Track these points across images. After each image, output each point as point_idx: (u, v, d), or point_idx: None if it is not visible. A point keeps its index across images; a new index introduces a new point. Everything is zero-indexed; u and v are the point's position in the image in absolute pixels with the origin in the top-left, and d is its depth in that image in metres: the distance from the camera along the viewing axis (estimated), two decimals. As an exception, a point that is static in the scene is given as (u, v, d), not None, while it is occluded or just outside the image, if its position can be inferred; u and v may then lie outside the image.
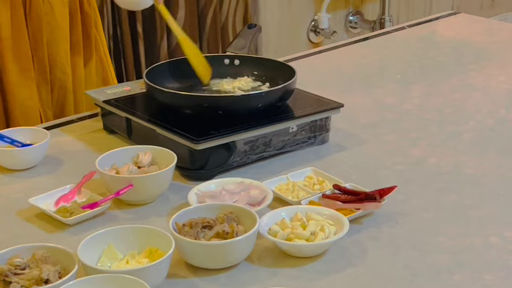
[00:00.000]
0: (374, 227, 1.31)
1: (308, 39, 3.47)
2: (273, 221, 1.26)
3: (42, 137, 1.53)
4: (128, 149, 1.45)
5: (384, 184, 1.42)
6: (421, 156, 1.56)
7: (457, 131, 1.67)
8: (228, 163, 1.47)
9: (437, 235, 1.29)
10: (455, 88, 1.92)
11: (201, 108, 1.49)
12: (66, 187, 1.39)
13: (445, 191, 1.43)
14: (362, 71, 2.04)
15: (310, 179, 1.44)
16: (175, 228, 1.22)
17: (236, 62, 1.71)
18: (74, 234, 1.29)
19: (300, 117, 1.55)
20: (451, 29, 2.38)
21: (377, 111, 1.79)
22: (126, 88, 1.67)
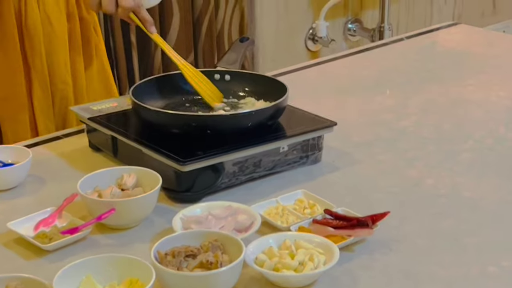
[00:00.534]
0: (366, 254, 1.26)
1: (306, 48, 3.41)
2: (260, 249, 1.21)
3: (24, 156, 1.47)
4: (111, 171, 1.40)
5: (378, 208, 1.37)
6: (417, 177, 1.51)
7: (455, 150, 1.62)
8: (216, 185, 1.42)
9: (431, 263, 1.24)
10: (453, 104, 1.86)
11: (189, 127, 1.44)
12: (46, 210, 1.34)
13: (441, 215, 1.38)
14: (358, 85, 1.99)
15: (300, 202, 1.39)
16: (157, 257, 1.16)
17: (227, 77, 1.65)
18: (53, 261, 1.24)
19: (291, 136, 1.49)
20: (450, 40, 2.33)
21: (372, 128, 1.73)
22: (113, 104, 1.62)
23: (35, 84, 1.77)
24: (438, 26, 2.43)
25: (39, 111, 1.80)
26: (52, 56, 1.78)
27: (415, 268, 1.22)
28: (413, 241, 1.30)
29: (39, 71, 1.77)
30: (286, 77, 2.03)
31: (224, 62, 1.70)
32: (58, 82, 1.80)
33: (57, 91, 1.81)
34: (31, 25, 1.74)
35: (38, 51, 1.75)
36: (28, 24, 1.73)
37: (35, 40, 1.75)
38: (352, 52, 2.23)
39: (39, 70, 1.77)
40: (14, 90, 1.75)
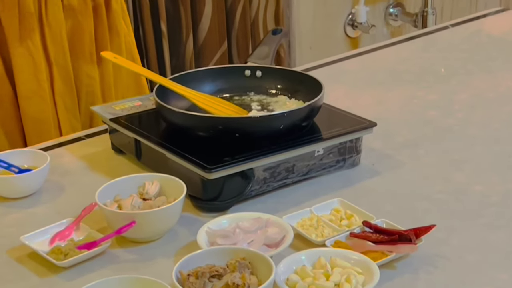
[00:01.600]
0: (409, 273, 1.15)
1: (345, 34, 3.28)
2: (292, 268, 1.10)
3: (42, 161, 1.38)
4: (132, 178, 1.30)
5: (422, 218, 1.27)
6: (465, 182, 1.39)
7: (507, 151, 1.49)
8: (245, 193, 1.31)
9: (484, 283, 1.12)
10: (503, 99, 1.73)
11: (215, 130, 1.33)
12: (63, 222, 1.25)
13: (492, 226, 1.26)
14: (400, 79, 1.87)
15: (337, 212, 1.28)
16: (179, 278, 1.07)
17: (258, 73, 1.54)
18: (69, 279, 1.15)
19: (327, 138, 1.38)
20: (499, 28, 2.19)
21: (416, 127, 1.61)
22: (137, 104, 1.52)
23: (57, 80, 1.69)
24: (486, 13, 2.29)
25: (63, 108, 1.72)
26: (77, 49, 1.70)
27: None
28: (461, 257, 1.18)
29: (61, 66, 1.69)
30: (323, 70, 1.91)
31: (255, 56, 1.59)
32: (84, 77, 1.72)
33: (82, 87, 1.73)
34: (52, 18, 1.65)
35: (60, 45, 1.68)
36: (49, 17, 1.65)
37: (57, 33, 1.66)
38: (394, 42, 2.11)
39: (61, 65, 1.69)
40: (36, 88, 1.67)
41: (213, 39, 2.72)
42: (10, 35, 1.63)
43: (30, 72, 1.66)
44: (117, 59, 1.53)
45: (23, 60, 1.65)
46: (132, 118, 1.47)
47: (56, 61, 1.69)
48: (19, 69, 1.66)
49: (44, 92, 1.68)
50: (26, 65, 1.66)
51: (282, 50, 2.93)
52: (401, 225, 1.21)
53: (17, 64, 1.66)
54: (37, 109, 1.69)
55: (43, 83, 1.68)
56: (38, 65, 1.66)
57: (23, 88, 1.67)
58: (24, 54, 1.65)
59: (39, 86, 1.68)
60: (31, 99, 1.68)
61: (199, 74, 1.55)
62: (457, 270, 1.15)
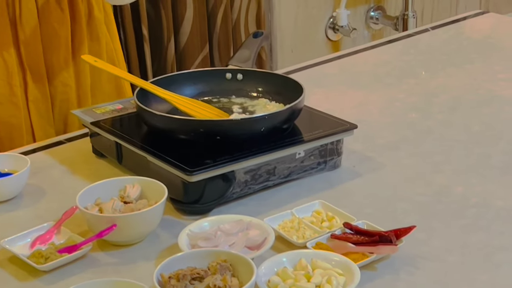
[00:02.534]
0: (390, 274, 1.15)
1: (326, 37, 3.29)
2: (273, 270, 1.11)
3: (22, 165, 1.38)
4: (113, 181, 1.30)
5: (402, 219, 1.27)
6: (445, 184, 1.39)
7: (486, 153, 1.50)
8: (227, 195, 1.31)
9: (464, 284, 1.13)
10: (483, 101, 1.74)
11: (196, 133, 1.33)
12: (43, 226, 1.24)
13: (472, 228, 1.26)
14: (381, 81, 1.87)
15: (318, 214, 1.28)
16: (160, 281, 1.06)
17: (239, 76, 1.54)
18: (49, 283, 1.15)
19: (308, 141, 1.38)
20: (478, 30, 2.20)
21: (396, 129, 1.62)
22: (118, 107, 1.52)
23: (31, 86, 1.67)
24: (465, 15, 2.30)
25: (36, 115, 1.69)
26: (51, 56, 1.68)
27: (444, 289, 1.12)
28: (441, 258, 1.19)
29: (35, 72, 1.67)
30: (304, 72, 1.92)
31: (236, 59, 1.58)
32: (58, 84, 1.70)
33: (56, 94, 1.71)
34: (26, 23, 1.63)
35: (34, 50, 1.65)
36: (23, 21, 1.63)
37: (31, 40, 1.64)
38: (374, 45, 2.12)
39: (35, 71, 1.67)
40: (8, 93, 1.65)
41: (195, 43, 2.72)
42: None
43: (3, 78, 1.64)
44: (98, 62, 1.52)
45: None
46: (113, 121, 1.46)
47: (30, 67, 1.66)
48: None
49: (16, 97, 1.66)
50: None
51: (263, 53, 2.94)
52: (381, 226, 1.21)
53: None
54: (8, 114, 1.66)
55: (15, 88, 1.65)
56: (10, 70, 1.64)
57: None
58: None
59: (11, 92, 1.65)
60: (2, 104, 1.66)
61: (180, 77, 1.54)
62: (438, 271, 1.16)
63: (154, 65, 2.66)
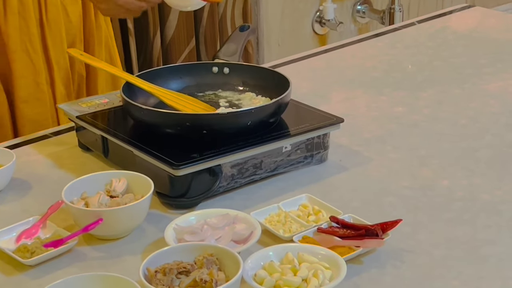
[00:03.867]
0: (376, 267, 1.15)
1: (313, 31, 3.29)
2: (260, 264, 1.10)
3: (7, 159, 1.37)
4: (99, 175, 1.29)
5: (389, 213, 1.28)
6: (431, 178, 1.40)
7: (472, 147, 1.50)
8: (213, 189, 1.31)
9: (448, 277, 1.13)
10: (469, 95, 1.74)
11: (183, 127, 1.33)
12: (29, 220, 1.24)
13: (457, 221, 1.27)
14: (367, 75, 1.87)
15: (304, 208, 1.28)
16: (146, 275, 1.06)
17: (226, 70, 1.54)
18: (35, 277, 1.14)
19: (295, 134, 1.38)
20: (465, 25, 2.21)
21: (383, 123, 1.62)
22: (104, 101, 1.51)
23: (58, 84, 1.67)
24: (451, 9, 2.30)
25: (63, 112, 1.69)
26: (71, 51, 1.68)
27: (430, 283, 1.12)
28: (427, 251, 1.19)
29: (62, 68, 1.67)
30: (291, 66, 1.91)
31: (222, 53, 1.58)
32: (77, 76, 1.71)
33: (76, 87, 1.72)
34: (52, 20, 1.64)
35: (60, 47, 1.66)
36: (50, 19, 1.63)
37: (57, 35, 1.65)
38: (360, 39, 2.12)
39: (62, 67, 1.68)
40: (35, 91, 1.65)
41: (181, 36, 2.71)
42: (10, 40, 1.60)
43: (29, 76, 1.64)
44: (83, 56, 1.52)
45: (22, 65, 1.62)
46: (99, 115, 1.46)
47: (57, 64, 1.67)
48: (18, 74, 1.63)
49: (43, 95, 1.66)
50: (25, 70, 1.63)
51: (250, 47, 2.93)
52: (368, 220, 1.22)
53: (16, 68, 1.63)
54: (35, 112, 1.66)
55: (42, 86, 1.65)
56: (37, 69, 1.64)
57: (21, 92, 1.65)
58: (24, 59, 1.62)
59: (38, 89, 1.65)
60: (29, 102, 1.65)
61: (166, 71, 1.54)
62: (424, 264, 1.16)
63: (140, 59, 2.65)
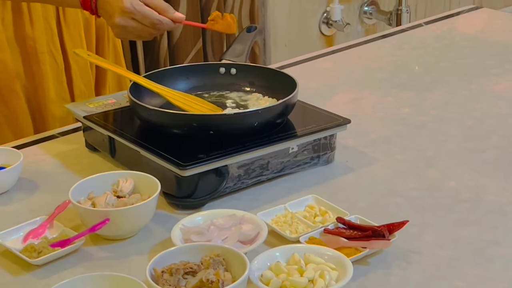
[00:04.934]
0: (382, 268, 1.15)
1: (320, 32, 3.29)
2: (266, 265, 1.11)
3: (15, 159, 1.37)
4: (106, 176, 1.30)
5: (395, 214, 1.28)
6: (438, 179, 1.39)
7: (479, 148, 1.50)
8: (220, 190, 1.31)
9: (454, 279, 1.13)
10: (476, 97, 1.74)
11: (190, 127, 1.33)
12: (36, 220, 1.24)
13: (464, 222, 1.26)
14: (373, 76, 1.87)
15: (311, 209, 1.28)
16: (153, 275, 1.06)
17: (233, 71, 1.54)
18: (42, 277, 1.14)
19: (301, 135, 1.38)
20: (472, 26, 2.20)
21: (390, 124, 1.62)
22: (111, 101, 1.52)
23: (78, 81, 1.69)
24: (459, 11, 2.30)
25: None
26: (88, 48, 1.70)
27: (436, 284, 1.12)
28: (434, 252, 1.19)
29: (82, 67, 1.69)
30: (298, 67, 1.92)
31: (229, 54, 1.58)
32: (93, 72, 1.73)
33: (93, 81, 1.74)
34: (70, 19, 1.65)
35: (79, 46, 1.66)
36: (68, 19, 1.64)
37: (76, 35, 1.66)
38: (367, 40, 2.12)
39: (82, 66, 1.69)
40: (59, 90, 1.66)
41: (188, 37, 2.72)
42: (37, 43, 1.61)
43: (53, 76, 1.65)
44: (91, 56, 1.52)
45: (49, 65, 1.64)
46: (106, 115, 1.46)
47: (76, 62, 1.68)
48: (47, 74, 1.64)
49: (66, 94, 1.67)
50: (52, 70, 1.65)
51: (257, 48, 2.93)
52: (374, 221, 1.22)
53: (46, 70, 1.64)
54: (61, 111, 1.67)
55: (64, 84, 1.67)
56: (60, 67, 1.65)
57: (52, 92, 1.66)
58: (50, 59, 1.64)
59: (62, 88, 1.66)
60: (54, 102, 1.67)
61: (174, 71, 1.54)
62: (430, 265, 1.16)
63: (147, 59, 2.65)
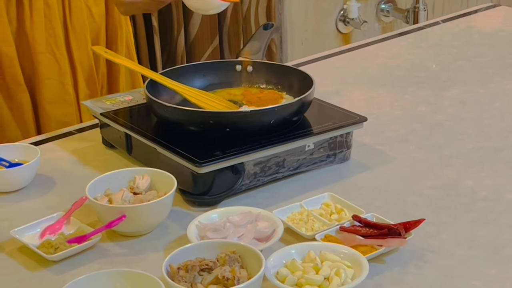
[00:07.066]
0: (398, 267, 1.15)
1: (337, 29, 3.28)
2: (282, 262, 1.11)
3: (32, 155, 1.38)
4: (123, 172, 1.30)
5: (411, 212, 1.27)
6: (455, 177, 1.39)
7: (496, 147, 1.49)
8: (236, 187, 1.31)
9: (471, 278, 1.12)
10: (494, 95, 1.73)
11: (206, 125, 1.33)
12: (53, 216, 1.25)
13: (481, 221, 1.26)
14: (390, 74, 1.87)
15: (327, 206, 1.28)
16: (169, 271, 1.07)
17: (249, 68, 1.54)
18: (59, 273, 1.15)
19: (318, 133, 1.38)
20: (489, 24, 2.19)
21: (406, 122, 1.61)
22: (128, 98, 1.52)
23: (81, 84, 1.69)
24: (476, 9, 2.29)
25: (87, 112, 1.70)
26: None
27: (452, 283, 1.11)
28: (450, 251, 1.18)
29: (86, 70, 1.68)
30: (314, 65, 1.91)
31: (246, 51, 1.58)
32: (100, 77, 1.72)
33: (100, 86, 1.73)
34: (76, 22, 1.65)
35: (85, 48, 1.67)
36: (74, 21, 1.64)
37: (81, 37, 1.66)
38: (384, 38, 2.11)
39: (86, 69, 1.69)
40: (61, 92, 1.67)
41: (205, 34, 2.72)
42: (36, 42, 1.61)
43: (55, 78, 1.65)
44: (108, 53, 1.53)
45: (48, 66, 1.64)
46: (123, 112, 1.46)
47: (81, 65, 1.68)
48: (43, 75, 1.65)
49: (69, 96, 1.67)
50: (51, 71, 1.65)
51: (273, 45, 2.93)
52: (390, 219, 1.21)
53: (42, 70, 1.64)
54: (62, 113, 1.68)
55: (68, 87, 1.67)
56: (63, 69, 1.65)
57: (47, 93, 1.66)
58: (49, 60, 1.64)
59: (64, 90, 1.67)
60: (55, 103, 1.67)
61: (190, 68, 1.55)
62: (446, 264, 1.15)
63: (164, 56, 2.66)
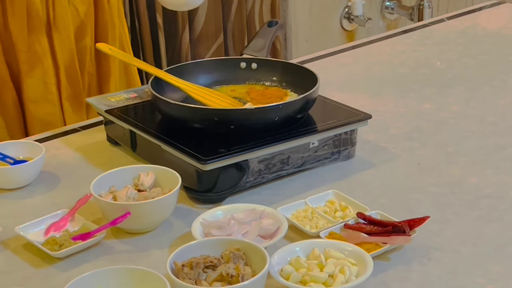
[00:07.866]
0: (403, 264, 1.15)
1: (341, 27, 3.28)
2: (286, 259, 1.11)
3: (37, 152, 1.38)
4: (127, 169, 1.30)
5: (416, 210, 1.27)
6: (459, 175, 1.39)
7: (501, 144, 1.49)
8: (240, 184, 1.31)
9: (475, 275, 1.12)
10: (498, 92, 1.73)
11: (211, 122, 1.33)
12: (58, 213, 1.25)
13: (485, 219, 1.26)
14: (395, 72, 1.87)
15: (331, 204, 1.28)
16: (174, 268, 1.07)
17: (254, 65, 1.54)
18: (63, 270, 1.15)
19: (322, 130, 1.38)
20: (494, 22, 2.19)
21: (410, 119, 1.61)
22: (132, 95, 1.52)
23: (64, 83, 1.68)
24: (481, 6, 2.28)
25: (69, 111, 1.70)
26: (81, 51, 1.70)
27: (457, 281, 1.11)
28: (454, 249, 1.18)
29: (69, 69, 1.68)
30: (318, 62, 1.91)
31: (250, 48, 1.58)
32: (86, 75, 1.72)
33: (85, 84, 1.72)
34: (60, 21, 1.64)
35: (68, 48, 1.66)
36: (57, 20, 1.64)
37: (65, 37, 1.65)
38: (389, 35, 2.11)
39: (69, 68, 1.68)
40: (44, 91, 1.66)
41: (209, 32, 2.72)
42: (18, 40, 1.61)
43: (38, 77, 1.65)
44: (112, 50, 1.53)
45: (30, 65, 1.64)
46: (127, 109, 1.47)
47: (64, 64, 1.67)
48: (26, 73, 1.64)
49: (52, 95, 1.67)
50: (33, 70, 1.64)
51: (278, 42, 2.93)
52: (395, 216, 1.21)
53: (25, 68, 1.64)
54: (45, 112, 1.67)
55: (50, 86, 1.66)
56: (46, 68, 1.65)
57: (30, 92, 1.66)
58: (32, 59, 1.63)
59: (47, 89, 1.66)
60: (38, 102, 1.67)
61: (195, 66, 1.55)
62: (451, 262, 1.15)
63: (169, 53, 2.66)
